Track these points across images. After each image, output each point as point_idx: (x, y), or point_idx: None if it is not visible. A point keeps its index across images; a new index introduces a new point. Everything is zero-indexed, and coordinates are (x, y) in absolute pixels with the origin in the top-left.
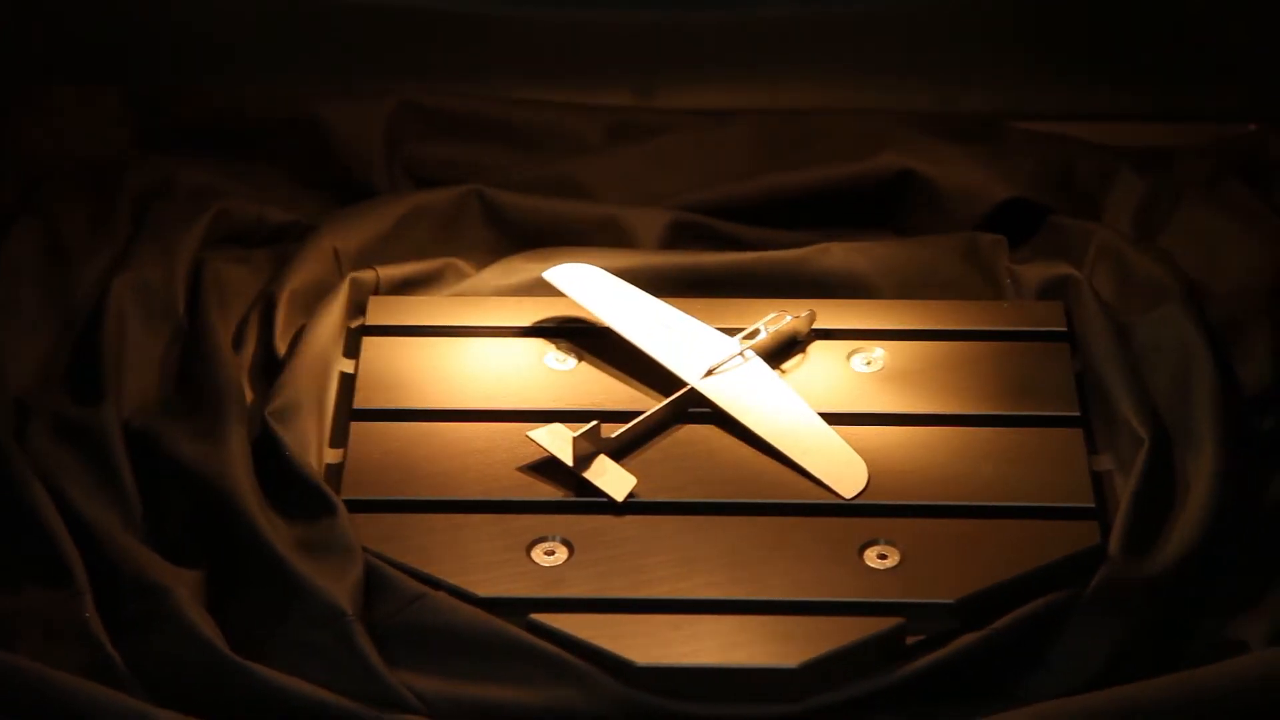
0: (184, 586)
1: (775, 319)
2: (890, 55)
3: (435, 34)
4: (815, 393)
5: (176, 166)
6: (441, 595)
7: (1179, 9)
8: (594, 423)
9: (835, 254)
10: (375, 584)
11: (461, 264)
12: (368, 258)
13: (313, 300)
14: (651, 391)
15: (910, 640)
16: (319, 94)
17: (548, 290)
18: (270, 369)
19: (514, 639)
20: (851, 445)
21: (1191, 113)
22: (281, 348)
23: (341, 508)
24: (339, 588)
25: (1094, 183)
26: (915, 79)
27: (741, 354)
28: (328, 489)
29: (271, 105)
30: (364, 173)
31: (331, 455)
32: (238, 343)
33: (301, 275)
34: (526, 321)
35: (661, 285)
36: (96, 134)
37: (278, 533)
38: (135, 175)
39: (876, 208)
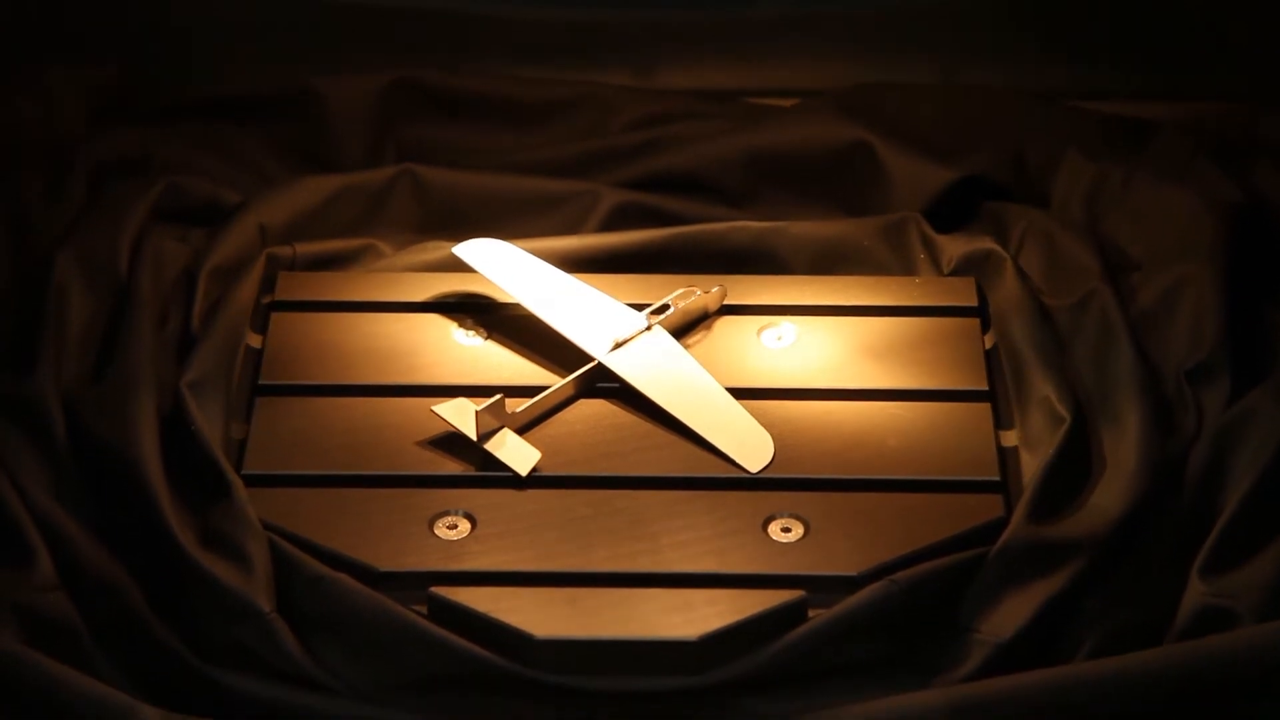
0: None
1: (684, 294)
2: (890, 34)
3: (430, 29)
4: (724, 368)
5: (149, 141)
6: (341, 577)
7: None
8: (498, 396)
9: (750, 231)
10: (278, 562)
11: (381, 244)
12: (294, 235)
13: (236, 276)
14: (559, 367)
15: (812, 614)
16: (313, 69)
17: (460, 268)
18: (188, 345)
19: (410, 624)
20: (758, 420)
21: (1188, 92)
22: (199, 324)
23: (239, 487)
24: (252, 582)
25: (1044, 166)
26: (914, 56)
27: (649, 328)
28: (228, 467)
29: (263, 79)
30: (356, 151)
31: (240, 430)
32: (165, 318)
33: (225, 251)
34: (436, 297)
35: (576, 263)
36: (84, 110)
37: (184, 524)
38: (101, 148)
39: (825, 183)
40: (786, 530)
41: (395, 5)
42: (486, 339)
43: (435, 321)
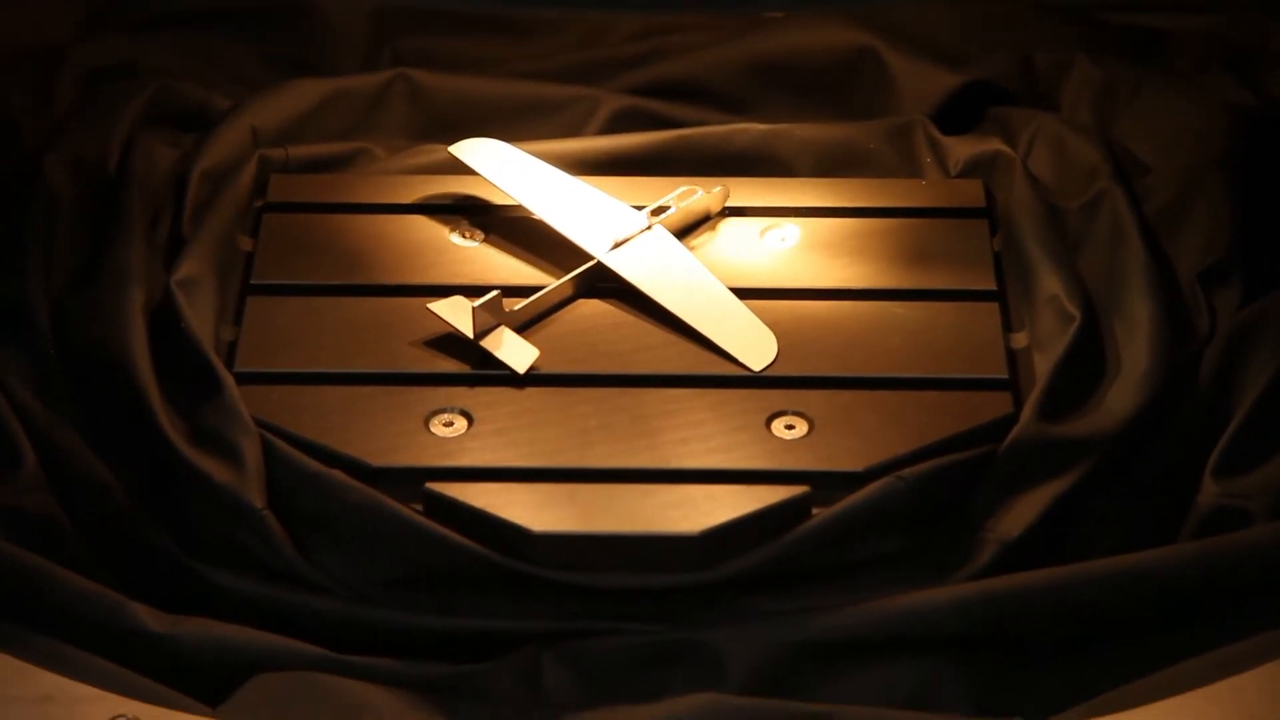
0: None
1: (685, 194)
2: None
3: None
4: (727, 268)
5: (139, 49)
6: (335, 473)
7: None
8: (494, 292)
9: (753, 133)
10: (270, 459)
11: (375, 148)
12: (287, 140)
13: (227, 178)
14: (558, 269)
15: (817, 512)
16: None
17: (457, 172)
18: (178, 246)
19: (405, 520)
20: (762, 320)
21: (1199, 3)
22: (189, 226)
23: (230, 384)
24: (243, 479)
25: (1052, 72)
26: None
27: (649, 228)
28: (219, 364)
29: None
30: (350, 62)
31: (230, 334)
32: (155, 222)
33: (216, 153)
34: (432, 199)
35: (576, 166)
36: (73, 17)
37: (174, 421)
38: (90, 54)
39: (830, 90)
40: (790, 428)
41: None
42: (483, 241)
43: (431, 223)
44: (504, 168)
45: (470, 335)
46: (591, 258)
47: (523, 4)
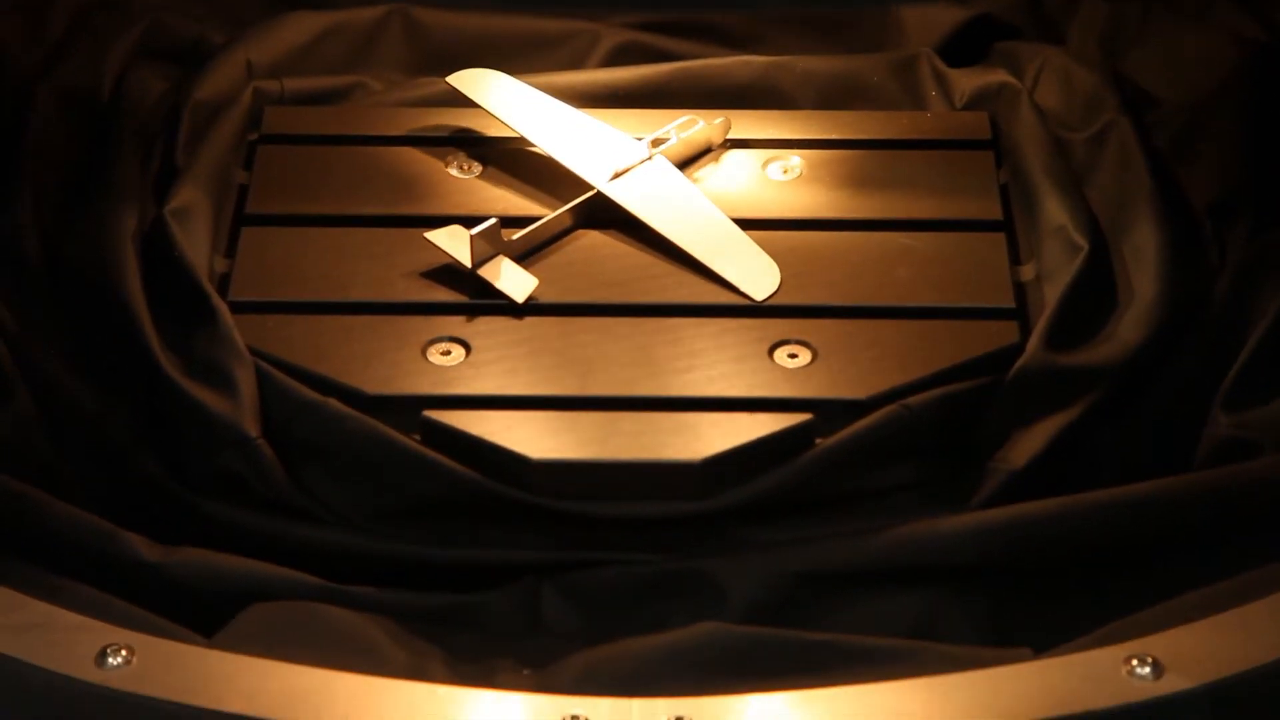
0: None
1: (687, 124)
2: None
3: None
4: (729, 200)
5: None
6: (331, 401)
7: None
8: (493, 220)
9: (755, 67)
10: (265, 388)
11: (371, 81)
12: (282, 73)
13: (222, 110)
14: (558, 199)
15: (820, 443)
16: None
17: (454, 104)
18: (171, 177)
19: (402, 448)
20: (765, 250)
21: None
22: (183, 157)
23: (225, 312)
24: (237, 407)
25: (1059, 5)
26: None
27: (650, 158)
28: (213, 293)
29: None
30: None
31: (224, 266)
32: (148, 154)
33: (210, 85)
34: (429, 131)
35: (575, 99)
36: None
37: (167, 350)
38: None
39: (833, 25)
40: (793, 356)
41: None
42: (481, 174)
43: (427, 156)
44: (502, 98)
45: (468, 264)
46: (591, 188)
47: None
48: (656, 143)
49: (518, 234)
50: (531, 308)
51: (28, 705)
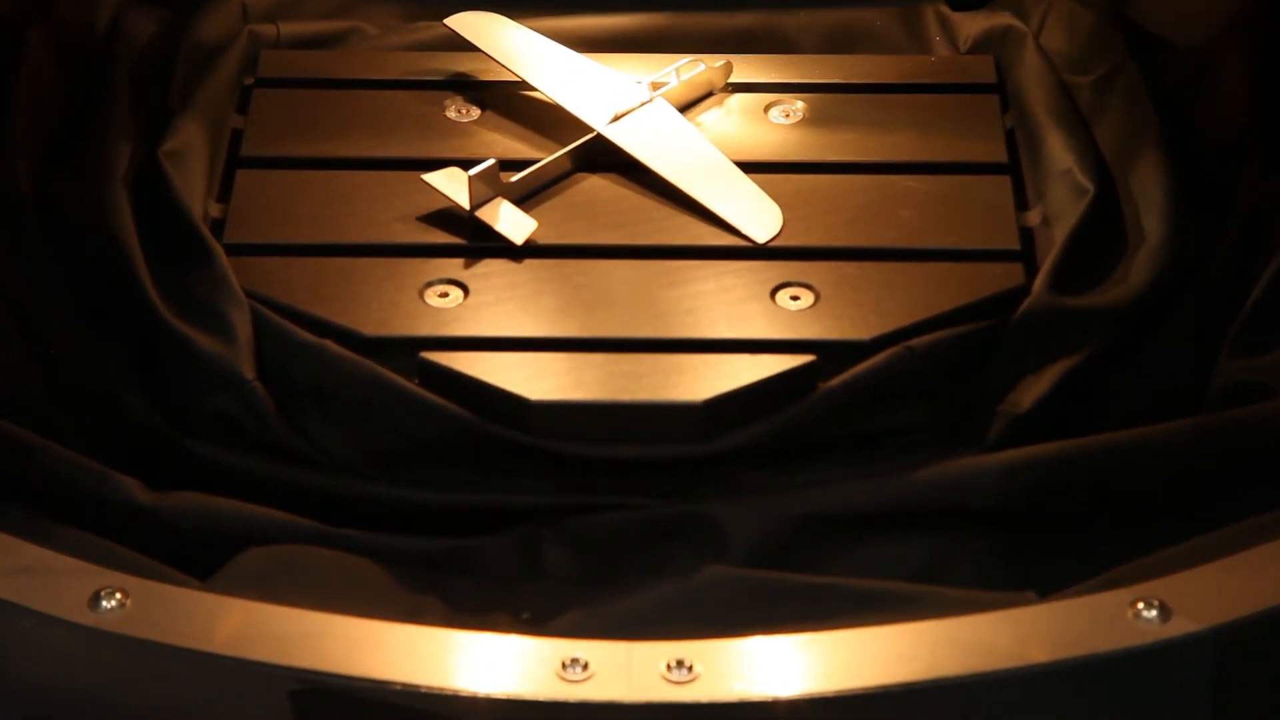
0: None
1: (688, 66)
2: None
3: None
4: (731, 143)
5: None
6: (327, 343)
7: None
8: (491, 161)
9: (757, 11)
10: (260, 330)
11: (368, 26)
12: (278, 16)
13: (217, 54)
14: (556, 143)
15: (823, 385)
16: None
17: (451, 48)
18: (166, 121)
19: (399, 389)
20: (768, 193)
21: None
22: (177, 100)
23: (220, 254)
24: (233, 349)
25: None
26: None
27: (650, 100)
28: (207, 234)
29: None
30: None
31: (219, 210)
32: (142, 97)
33: (205, 29)
34: (427, 74)
35: (574, 44)
36: None
37: (161, 292)
38: None
39: None
40: (796, 298)
41: None
42: (480, 116)
43: (425, 99)
44: (500, 41)
45: (466, 206)
46: (591, 130)
47: None
48: (656, 85)
49: (516, 176)
50: (530, 250)
51: (22, 649)
